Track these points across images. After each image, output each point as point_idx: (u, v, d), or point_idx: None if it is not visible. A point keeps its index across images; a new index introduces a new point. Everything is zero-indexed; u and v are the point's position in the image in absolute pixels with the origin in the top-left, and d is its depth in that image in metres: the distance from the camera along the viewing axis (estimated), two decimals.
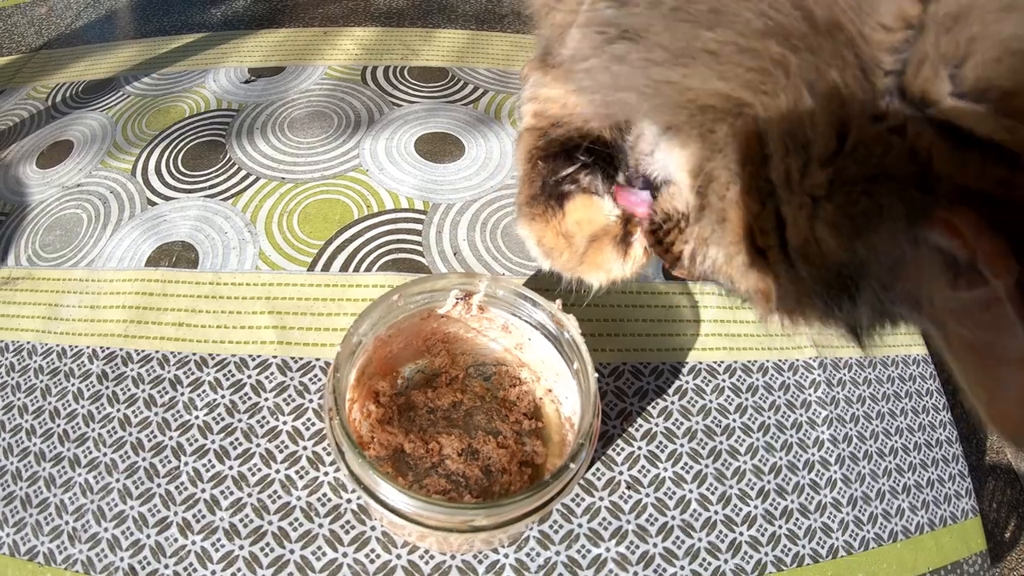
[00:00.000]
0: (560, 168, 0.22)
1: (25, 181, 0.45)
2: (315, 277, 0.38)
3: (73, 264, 0.40)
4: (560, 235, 0.24)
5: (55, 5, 0.64)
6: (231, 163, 0.44)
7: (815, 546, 0.31)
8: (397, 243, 0.40)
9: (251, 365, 0.34)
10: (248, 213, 0.41)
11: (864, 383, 0.37)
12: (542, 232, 0.24)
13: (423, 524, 0.23)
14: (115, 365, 0.35)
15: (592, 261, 0.24)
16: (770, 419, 0.35)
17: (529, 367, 0.31)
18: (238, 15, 0.60)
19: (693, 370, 0.36)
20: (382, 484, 0.22)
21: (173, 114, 0.49)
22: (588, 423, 0.24)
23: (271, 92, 0.50)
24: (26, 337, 0.36)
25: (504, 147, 0.46)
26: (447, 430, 0.30)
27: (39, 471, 0.31)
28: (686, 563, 0.30)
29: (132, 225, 0.41)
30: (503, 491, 0.28)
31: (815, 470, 0.33)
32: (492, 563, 0.29)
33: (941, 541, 0.33)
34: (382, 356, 0.29)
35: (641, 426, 0.33)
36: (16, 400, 0.34)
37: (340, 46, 0.55)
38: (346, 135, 0.46)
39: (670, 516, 0.31)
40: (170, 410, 0.33)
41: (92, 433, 0.32)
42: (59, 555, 0.29)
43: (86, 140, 0.47)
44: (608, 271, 0.24)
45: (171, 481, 0.30)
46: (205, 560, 0.28)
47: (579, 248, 0.23)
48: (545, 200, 0.23)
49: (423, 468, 0.29)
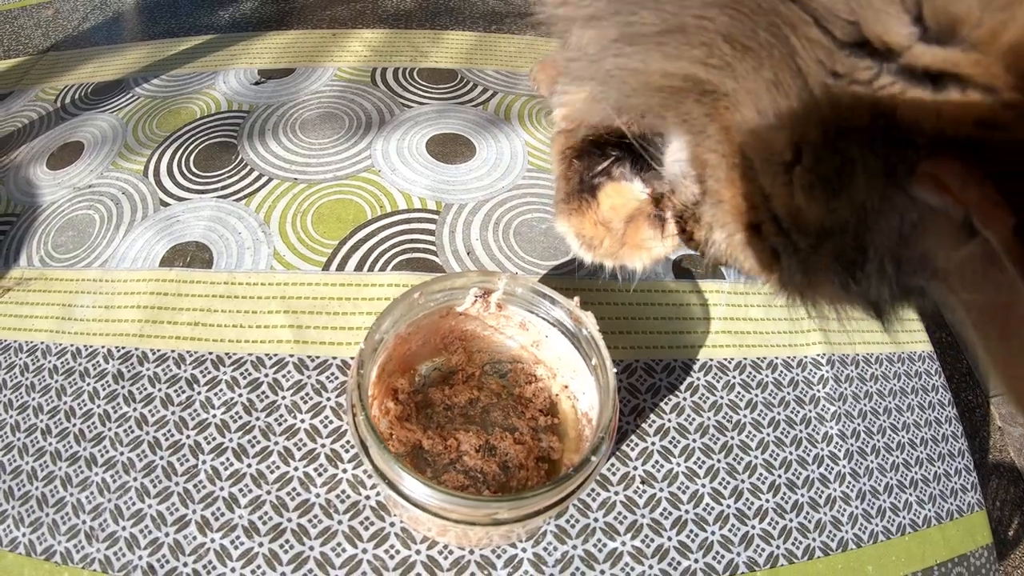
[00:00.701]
0: (594, 164, 0.22)
1: (36, 182, 0.45)
2: (330, 276, 0.38)
3: (86, 265, 0.40)
4: (598, 224, 0.24)
5: (61, 8, 0.64)
6: (243, 164, 0.45)
7: (825, 539, 0.32)
8: (411, 243, 0.40)
9: (268, 364, 0.35)
10: (262, 213, 0.42)
11: (871, 379, 0.38)
12: (580, 224, 0.25)
13: (446, 518, 0.23)
14: (131, 364, 0.35)
15: (632, 242, 0.24)
16: (780, 415, 0.35)
17: (545, 364, 0.31)
18: (246, 17, 0.61)
19: (704, 366, 0.36)
20: (406, 478, 0.23)
21: (184, 115, 0.49)
22: (608, 417, 0.24)
23: (281, 93, 0.51)
24: (40, 337, 0.37)
25: (514, 148, 0.47)
26: (464, 427, 0.30)
27: (55, 471, 0.31)
28: (700, 556, 0.30)
29: (145, 226, 0.41)
30: (520, 486, 0.28)
31: (824, 464, 0.34)
32: (511, 557, 0.29)
33: (948, 534, 0.34)
34: (401, 354, 0.30)
35: (654, 422, 0.34)
36: (31, 400, 0.34)
37: (349, 48, 0.55)
38: (357, 136, 0.47)
39: (683, 510, 0.31)
40: (187, 409, 0.33)
41: (108, 432, 0.32)
42: (76, 554, 0.29)
43: (96, 141, 0.48)
44: (649, 248, 0.25)
45: (189, 479, 0.31)
46: (224, 558, 0.29)
47: (618, 231, 0.24)
48: (579, 195, 0.24)
49: (441, 464, 0.29)
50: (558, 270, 0.40)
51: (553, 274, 0.39)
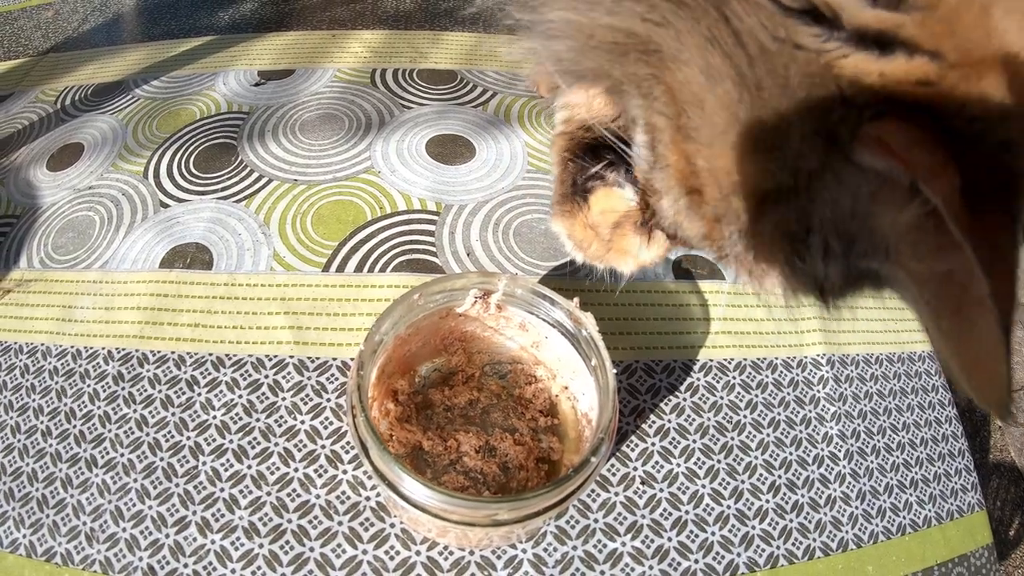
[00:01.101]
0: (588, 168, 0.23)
1: (36, 184, 0.45)
2: (330, 278, 0.38)
3: (86, 266, 0.40)
4: (588, 227, 0.24)
5: (61, 9, 0.64)
6: (243, 165, 0.45)
7: (825, 539, 0.32)
8: (411, 244, 0.40)
9: (268, 365, 0.35)
10: (261, 215, 0.42)
11: (871, 379, 0.38)
12: (571, 226, 0.25)
13: (446, 519, 0.23)
14: (131, 366, 0.35)
15: (618, 247, 0.24)
16: (780, 415, 0.35)
17: (545, 365, 0.31)
18: (245, 18, 0.61)
19: (704, 367, 0.36)
20: (406, 479, 0.23)
21: (184, 117, 0.49)
22: (607, 418, 0.24)
23: (281, 95, 0.51)
24: (40, 339, 0.37)
25: (514, 149, 0.47)
26: (464, 428, 0.30)
27: (55, 472, 0.31)
28: (700, 556, 0.30)
29: (145, 227, 0.41)
30: (520, 487, 0.28)
31: (824, 465, 0.34)
32: (511, 558, 0.29)
33: (948, 534, 0.34)
34: (401, 355, 0.30)
35: (654, 422, 0.34)
36: (31, 401, 0.34)
37: (349, 49, 0.55)
38: (357, 137, 0.47)
39: (684, 511, 0.31)
40: (187, 410, 0.33)
41: (109, 434, 0.32)
42: (77, 556, 0.29)
43: (96, 143, 0.48)
44: (635, 255, 0.25)
45: (189, 481, 0.31)
46: (225, 559, 0.29)
47: (605, 236, 0.24)
48: (572, 198, 0.24)
49: (441, 465, 0.29)
50: (558, 271, 0.40)
51: (553, 275, 0.39)
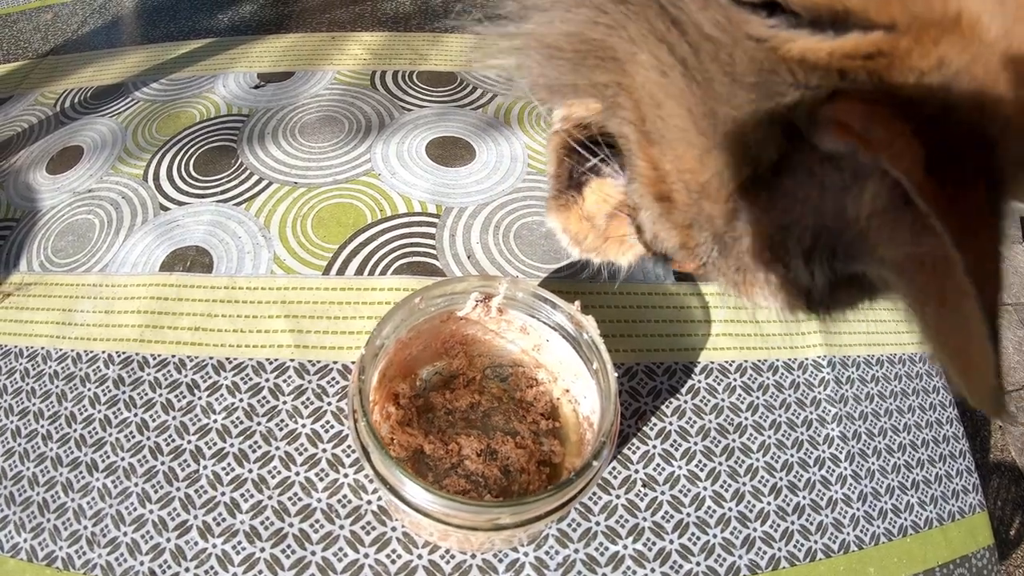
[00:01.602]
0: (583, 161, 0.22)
1: (35, 187, 0.45)
2: (330, 281, 0.38)
3: (86, 269, 0.40)
4: (583, 219, 0.24)
5: (60, 11, 0.64)
6: (243, 168, 0.45)
7: (827, 541, 0.32)
8: (411, 247, 0.40)
9: (268, 369, 0.35)
10: (262, 218, 0.42)
11: (872, 381, 0.38)
12: (567, 219, 0.25)
13: (447, 523, 0.23)
14: (131, 370, 0.35)
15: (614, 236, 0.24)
16: (781, 417, 0.35)
17: (546, 368, 0.31)
18: (245, 21, 0.61)
19: (705, 369, 0.36)
20: (408, 483, 0.23)
21: (183, 119, 0.49)
22: (609, 422, 0.24)
23: (281, 97, 0.51)
24: (40, 343, 0.37)
25: (514, 151, 0.47)
26: (465, 431, 0.30)
27: (56, 476, 0.31)
28: (702, 559, 0.30)
29: (145, 230, 0.41)
30: (522, 490, 0.28)
31: (825, 467, 0.34)
32: (512, 561, 0.29)
33: (950, 535, 0.34)
34: (402, 359, 0.30)
35: (655, 425, 0.34)
36: (31, 405, 0.34)
37: (348, 51, 0.55)
38: (357, 139, 0.47)
39: (685, 513, 0.31)
40: (188, 414, 0.33)
41: (109, 438, 0.32)
42: (78, 560, 0.29)
43: (96, 146, 0.48)
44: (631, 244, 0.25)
45: (190, 485, 0.31)
46: (226, 563, 0.29)
47: (601, 226, 0.24)
48: (567, 191, 0.24)
49: (443, 469, 0.29)
50: (559, 274, 0.40)
51: (554, 278, 0.39)
